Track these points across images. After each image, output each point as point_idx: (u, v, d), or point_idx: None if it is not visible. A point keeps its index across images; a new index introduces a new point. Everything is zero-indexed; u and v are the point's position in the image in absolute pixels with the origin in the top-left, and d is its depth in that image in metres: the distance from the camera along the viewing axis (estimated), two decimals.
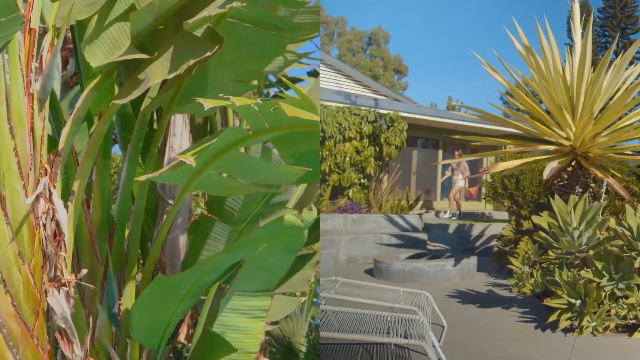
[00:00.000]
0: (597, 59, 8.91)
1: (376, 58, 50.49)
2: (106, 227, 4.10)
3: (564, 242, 6.37)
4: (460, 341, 5.80)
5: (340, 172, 13.99)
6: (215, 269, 3.73)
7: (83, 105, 3.73)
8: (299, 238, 3.49)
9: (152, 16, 3.60)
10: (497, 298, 7.62)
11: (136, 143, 4.10)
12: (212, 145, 3.35)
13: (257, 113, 3.22)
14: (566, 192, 7.89)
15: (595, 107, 7.87)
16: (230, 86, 4.12)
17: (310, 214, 3.31)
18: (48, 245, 3.42)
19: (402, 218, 12.97)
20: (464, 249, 11.68)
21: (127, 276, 4.11)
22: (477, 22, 60.29)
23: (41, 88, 3.56)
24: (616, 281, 5.99)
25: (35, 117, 3.49)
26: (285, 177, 3.85)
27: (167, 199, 4.83)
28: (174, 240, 4.80)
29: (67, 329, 3.39)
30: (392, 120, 14.56)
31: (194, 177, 3.68)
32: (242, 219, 4.81)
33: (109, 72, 3.81)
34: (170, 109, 4.07)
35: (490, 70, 8.61)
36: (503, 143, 10.93)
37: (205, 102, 3.05)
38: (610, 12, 27.38)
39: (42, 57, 3.62)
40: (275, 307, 5.10)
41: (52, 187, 3.47)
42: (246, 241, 3.61)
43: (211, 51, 3.44)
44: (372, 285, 6.47)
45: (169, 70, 3.50)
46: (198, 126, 6.02)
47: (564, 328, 5.94)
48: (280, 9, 4.63)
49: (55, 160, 3.57)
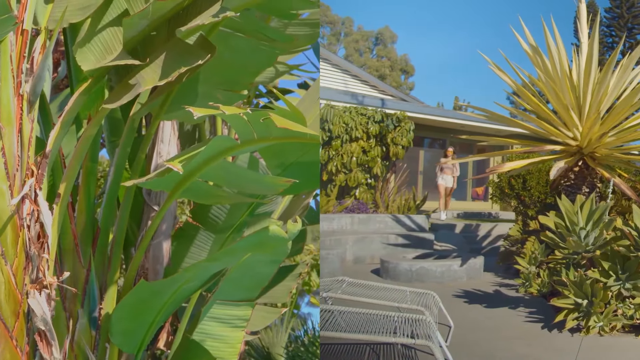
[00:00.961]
0: (604, 59, 8.91)
1: (383, 58, 50.41)
2: (90, 231, 4.12)
3: (570, 242, 6.36)
4: (467, 341, 5.80)
5: (347, 172, 13.99)
6: (197, 277, 3.73)
7: (72, 108, 3.73)
8: (283, 249, 3.50)
9: (145, 22, 3.60)
10: (503, 298, 7.61)
11: (124, 148, 4.11)
12: (200, 153, 3.36)
13: (246, 123, 3.23)
14: (573, 192, 7.88)
15: (602, 107, 7.85)
16: (220, 95, 4.14)
17: (295, 225, 3.31)
18: (31, 246, 3.42)
19: (408, 218, 12.96)
20: (471, 249, 11.66)
21: (109, 280, 4.12)
22: (484, 22, 60.16)
23: (31, 89, 3.56)
24: (623, 281, 5.98)
25: (24, 118, 3.50)
26: (271, 188, 3.84)
27: (152, 205, 4.84)
28: (157, 246, 4.81)
29: (46, 331, 3.39)
30: (399, 120, 14.55)
31: (181, 185, 3.69)
32: (226, 228, 4.82)
33: (100, 76, 3.81)
34: (159, 115, 4.09)
35: (497, 70, 8.60)
36: (510, 143, 10.90)
37: (194, 111, 3.05)
38: (617, 12, 27.30)
39: (33, 59, 3.63)
40: (255, 317, 5.13)
41: (38, 189, 3.49)
42: (229, 250, 3.62)
43: (203, 59, 3.46)
44: (378, 285, 6.47)
45: (160, 76, 3.51)
46: (187, 133, 6.03)
47: (570, 328, 5.94)
48: (273, 20, 4.67)
49: (43, 162, 3.58)
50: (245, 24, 3.97)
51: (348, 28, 50.82)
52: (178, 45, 3.68)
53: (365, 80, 19.06)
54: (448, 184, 15.25)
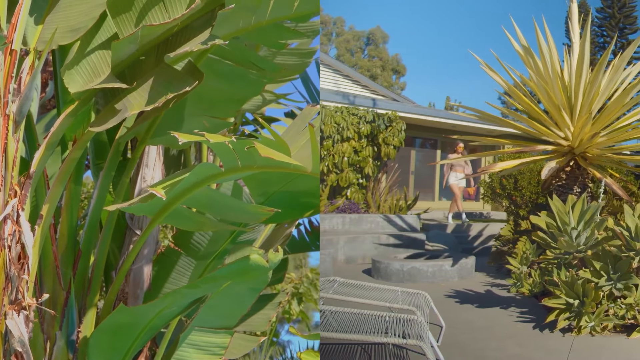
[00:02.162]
0: (596, 59, 8.92)
1: (374, 58, 50.47)
2: (72, 253, 4.09)
3: (562, 242, 6.36)
4: (458, 341, 5.80)
5: (338, 172, 13.98)
6: (177, 303, 3.71)
7: (58, 129, 3.70)
8: (263, 278, 3.50)
9: (134, 46, 3.58)
10: (495, 298, 7.62)
11: (108, 171, 4.09)
12: (184, 179, 3.34)
13: (230, 151, 3.21)
14: (564, 192, 7.89)
15: (594, 107, 7.86)
16: (206, 121, 4.12)
17: (276, 255, 3.31)
18: (12, 267, 3.37)
19: (400, 218, 12.96)
20: (462, 249, 11.67)
21: (89, 303, 4.08)
22: (476, 22, 60.26)
23: (17, 110, 3.53)
24: (614, 281, 5.99)
25: (9, 138, 3.46)
26: (254, 216, 3.83)
27: (135, 229, 4.81)
28: (138, 270, 4.78)
29: (23, 353, 3.35)
30: (391, 120, 14.55)
31: (164, 210, 3.65)
32: (208, 255, 4.80)
33: (87, 98, 3.78)
34: (145, 140, 4.07)
35: (488, 70, 8.60)
36: (501, 143, 10.91)
37: (179, 137, 3.03)
38: (609, 12, 27.38)
39: (21, 79, 3.60)
40: (234, 345, 5.12)
41: (20, 209, 3.44)
42: (210, 277, 3.60)
43: (190, 86, 3.45)
44: (370, 285, 6.46)
45: (147, 102, 3.50)
46: (172, 158, 6.02)
47: (562, 328, 5.94)
48: (262, 48, 4.67)
49: (26, 182, 3.55)
50: (233, 52, 3.97)
51: (339, 28, 50.85)
52: (166, 71, 3.66)
53: (356, 80, 19.05)
54: (461, 183, 14.69)
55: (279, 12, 3.61)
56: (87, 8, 3.73)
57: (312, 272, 10.40)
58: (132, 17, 3.63)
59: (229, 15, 3.40)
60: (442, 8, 59.40)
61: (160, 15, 3.65)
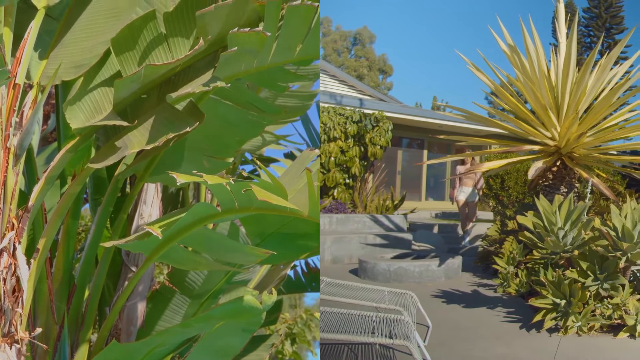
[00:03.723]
0: (582, 59, 8.92)
1: (361, 58, 50.55)
2: (66, 288, 4.05)
3: (548, 242, 6.36)
4: (445, 341, 5.78)
5: (325, 172, 13.96)
6: (170, 342, 3.69)
7: (58, 164, 3.68)
8: (256, 320, 3.48)
9: (136, 85, 3.57)
10: (482, 298, 7.61)
11: (106, 207, 4.07)
12: (181, 219, 3.33)
13: (228, 192, 3.21)
14: (551, 192, 7.90)
15: (580, 107, 7.88)
16: (206, 161, 4.12)
17: (270, 297, 3.31)
18: (6, 300, 3.35)
19: (387, 218, 12.95)
20: (449, 249, 11.68)
21: (82, 339, 4.05)
22: (462, 22, 60.48)
23: (18, 143, 3.53)
24: (601, 281, 5.99)
25: (9, 171, 3.45)
26: (249, 257, 3.82)
27: (130, 266, 4.81)
28: (132, 307, 4.76)
29: None
30: (377, 120, 14.55)
31: (159, 249, 3.64)
32: (202, 294, 4.81)
33: (88, 134, 3.76)
34: (143, 177, 4.06)
35: (475, 70, 8.60)
36: (488, 143, 10.94)
37: (178, 177, 3.03)
38: (595, 12, 27.56)
39: (23, 113, 3.60)
40: None
41: (17, 243, 3.43)
42: (203, 317, 3.60)
43: (191, 126, 3.45)
44: (357, 285, 6.44)
45: (147, 140, 3.49)
46: (170, 195, 6.02)
47: (549, 328, 5.94)
48: (263, 90, 4.68)
49: (24, 216, 3.53)
50: (234, 93, 3.98)
51: (326, 28, 50.86)
52: (167, 110, 3.65)
53: (343, 80, 19.05)
54: (470, 198, 12.09)
55: (280, 56, 3.60)
56: (92, 45, 3.74)
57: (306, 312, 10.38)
58: (136, 55, 3.63)
59: (231, 58, 3.40)
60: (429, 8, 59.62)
61: (163, 54, 3.65)
